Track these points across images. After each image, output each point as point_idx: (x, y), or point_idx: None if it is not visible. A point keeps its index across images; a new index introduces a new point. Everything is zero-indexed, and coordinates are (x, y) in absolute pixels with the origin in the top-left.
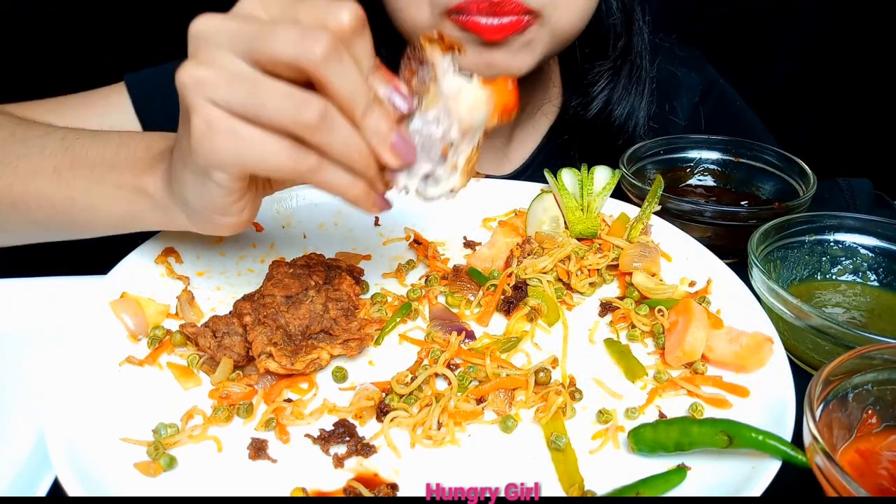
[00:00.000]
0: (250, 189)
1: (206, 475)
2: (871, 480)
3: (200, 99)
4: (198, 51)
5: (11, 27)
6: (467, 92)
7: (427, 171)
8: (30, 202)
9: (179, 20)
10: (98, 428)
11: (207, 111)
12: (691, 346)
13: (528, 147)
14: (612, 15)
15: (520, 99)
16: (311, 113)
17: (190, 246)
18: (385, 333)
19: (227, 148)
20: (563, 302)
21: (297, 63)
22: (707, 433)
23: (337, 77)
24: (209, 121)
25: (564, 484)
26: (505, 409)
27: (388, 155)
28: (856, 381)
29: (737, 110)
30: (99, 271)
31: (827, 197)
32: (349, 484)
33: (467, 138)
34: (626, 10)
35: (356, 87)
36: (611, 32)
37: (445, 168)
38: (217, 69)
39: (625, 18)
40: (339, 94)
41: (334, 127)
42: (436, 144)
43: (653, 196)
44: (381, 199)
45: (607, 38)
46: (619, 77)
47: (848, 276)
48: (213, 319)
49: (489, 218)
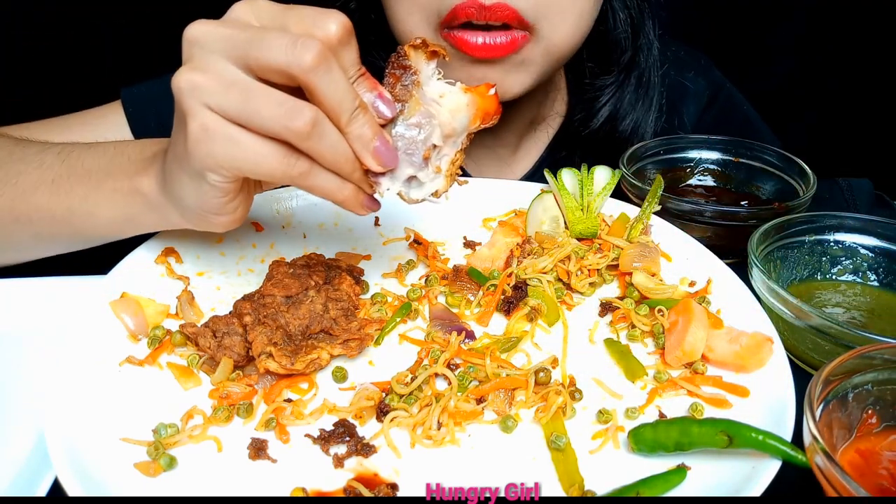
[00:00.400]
0: (243, 189)
1: (206, 475)
2: (871, 480)
3: (196, 103)
4: (192, 56)
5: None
6: (450, 97)
7: (410, 174)
8: (31, 215)
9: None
10: (98, 428)
11: (203, 116)
12: (691, 346)
13: (532, 157)
14: (619, 29)
15: (527, 110)
16: (302, 121)
17: (190, 246)
18: (385, 333)
19: (222, 152)
20: (563, 302)
21: (288, 70)
22: (707, 433)
23: (325, 84)
24: (205, 125)
25: (564, 484)
26: (505, 409)
27: (371, 160)
28: (856, 381)
29: (744, 115)
30: (99, 271)
31: (827, 197)
32: (349, 484)
33: (450, 142)
34: (634, 24)
35: (343, 94)
36: (616, 46)
37: (428, 172)
38: (212, 75)
39: (632, 33)
40: (327, 101)
41: (324, 134)
42: (419, 148)
43: (653, 196)
44: (370, 199)
45: (612, 53)
46: (623, 91)
47: (848, 276)
48: (213, 319)
49: (489, 218)
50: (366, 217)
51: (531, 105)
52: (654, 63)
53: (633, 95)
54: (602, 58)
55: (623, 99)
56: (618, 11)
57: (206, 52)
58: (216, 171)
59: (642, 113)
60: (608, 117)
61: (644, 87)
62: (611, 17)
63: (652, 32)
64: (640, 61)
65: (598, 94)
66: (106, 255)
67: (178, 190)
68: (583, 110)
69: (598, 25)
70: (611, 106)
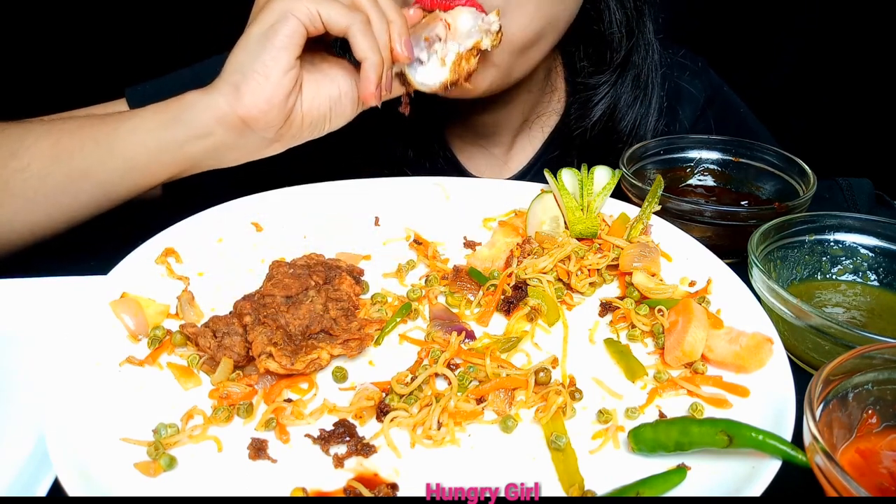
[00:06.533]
0: (292, 75)
1: (206, 475)
2: (871, 480)
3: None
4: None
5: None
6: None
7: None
8: (73, 150)
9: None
10: (98, 428)
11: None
12: (691, 346)
13: (527, 153)
14: (614, 28)
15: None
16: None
17: (190, 246)
18: (385, 333)
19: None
20: (563, 302)
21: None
22: (707, 433)
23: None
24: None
25: (564, 484)
26: (505, 409)
27: (402, 47)
28: (856, 380)
29: (741, 117)
30: (99, 271)
31: (827, 197)
32: (349, 484)
33: (454, 40)
34: (629, 24)
35: (390, 0)
36: (610, 45)
37: (432, 58)
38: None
39: (626, 32)
40: (381, 2)
41: (374, 6)
42: (422, 35)
43: (653, 196)
44: (388, 79)
45: (606, 51)
46: (619, 90)
47: (848, 275)
48: (213, 319)
49: (489, 218)
50: (366, 217)
51: (525, 105)
52: (652, 64)
53: (630, 95)
54: (597, 57)
55: (620, 98)
56: (613, 11)
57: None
58: (296, 10)
59: (641, 113)
60: (604, 116)
61: (642, 88)
62: (606, 16)
63: (651, 33)
64: (635, 60)
65: (593, 93)
66: (106, 255)
67: (244, 49)
68: (578, 108)
69: (593, 24)
70: (606, 104)
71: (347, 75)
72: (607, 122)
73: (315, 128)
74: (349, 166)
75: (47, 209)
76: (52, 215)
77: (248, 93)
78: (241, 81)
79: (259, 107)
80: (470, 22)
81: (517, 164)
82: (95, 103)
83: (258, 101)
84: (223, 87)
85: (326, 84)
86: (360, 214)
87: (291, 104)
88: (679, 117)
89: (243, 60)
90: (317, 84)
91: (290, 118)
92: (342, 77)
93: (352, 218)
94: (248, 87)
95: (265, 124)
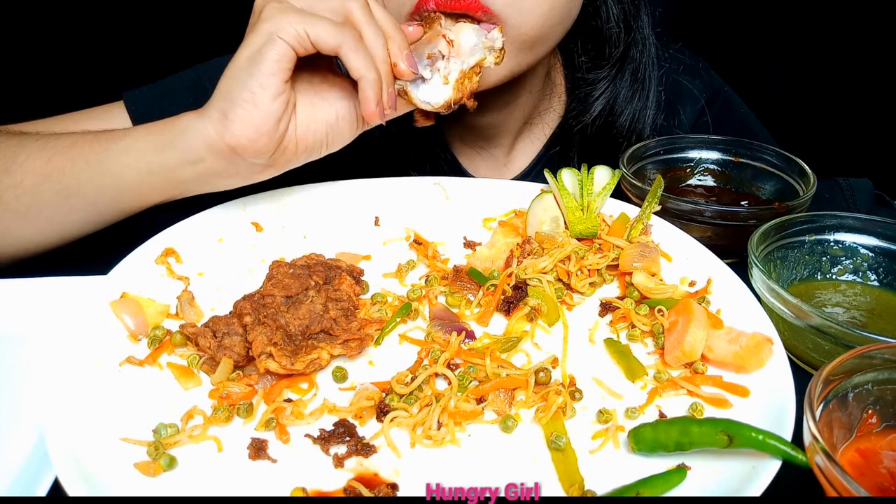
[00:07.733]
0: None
1: (206, 475)
2: (871, 480)
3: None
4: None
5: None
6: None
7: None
8: (65, 168)
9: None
10: (98, 428)
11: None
12: (691, 346)
13: (528, 155)
14: (611, 23)
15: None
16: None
17: (190, 246)
18: (385, 333)
19: (294, 19)
20: (563, 302)
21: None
22: (707, 433)
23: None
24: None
25: (564, 484)
26: (505, 409)
27: (403, 62)
28: (856, 380)
29: (741, 117)
30: (99, 271)
31: (827, 197)
32: (349, 484)
33: (457, 57)
34: (627, 19)
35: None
36: (608, 40)
37: (435, 76)
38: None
39: (624, 27)
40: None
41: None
42: (425, 51)
43: (653, 196)
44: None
45: (604, 46)
46: (618, 85)
47: (848, 275)
48: (213, 319)
49: (489, 218)
50: (366, 217)
51: (526, 107)
52: (649, 58)
53: (628, 90)
54: (595, 52)
55: (618, 94)
56: (611, 6)
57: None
58: (284, 32)
59: (639, 108)
60: (604, 111)
61: (640, 83)
62: (603, 11)
63: (648, 27)
64: (633, 55)
65: (593, 89)
66: (106, 255)
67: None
68: (578, 105)
69: (591, 20)
70: (605, 100)
71: (346, 96)
72: (607, 116)
73: (311, 152)
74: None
75: (39, 225)
76: (44, 231)
77: (236, 120)
78: (228, 109)
79: (247, 135)
80: (473, 38)
81: (518, 166)
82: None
83: (246, 129)
84: (212, 114)
85: (323, 107)
86: (360, 214)
87: (283, 129)
88: (679, 116)
89: (231, 87)
90: (312, 107)
91: (283, 144)
92: (340, 99)
93: (352, 218)
94: (237, 114)
95: (254, 152)
